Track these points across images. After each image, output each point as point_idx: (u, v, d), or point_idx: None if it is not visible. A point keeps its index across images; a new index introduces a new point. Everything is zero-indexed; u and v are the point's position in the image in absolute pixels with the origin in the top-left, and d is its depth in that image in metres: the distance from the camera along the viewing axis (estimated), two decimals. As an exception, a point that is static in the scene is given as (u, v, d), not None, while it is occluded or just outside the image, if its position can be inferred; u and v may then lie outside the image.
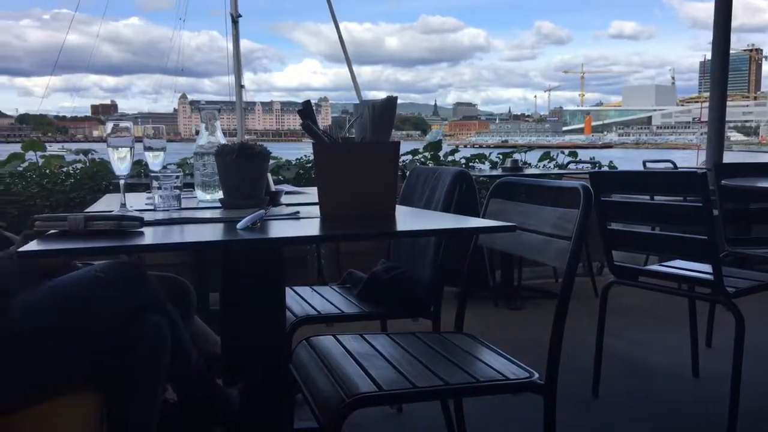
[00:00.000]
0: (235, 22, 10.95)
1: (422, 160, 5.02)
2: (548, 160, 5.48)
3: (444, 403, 1.92)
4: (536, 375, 1.43)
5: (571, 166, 5.36)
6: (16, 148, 4.25)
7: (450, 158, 5.15)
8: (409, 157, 5.05)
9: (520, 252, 1.77)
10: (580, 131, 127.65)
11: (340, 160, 1.56)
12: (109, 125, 1.61)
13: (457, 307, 1.89)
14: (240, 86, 11.36)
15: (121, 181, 1.64)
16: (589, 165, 5.32)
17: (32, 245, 1.09)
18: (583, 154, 5.90)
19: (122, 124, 1.63)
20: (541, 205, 1.68)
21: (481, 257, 1.94)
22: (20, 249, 1.07)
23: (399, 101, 1.68)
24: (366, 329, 1.88)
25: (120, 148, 1.60)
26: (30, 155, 4.20)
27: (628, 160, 9.12)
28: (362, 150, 1.62)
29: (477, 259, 1.92)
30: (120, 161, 1.61)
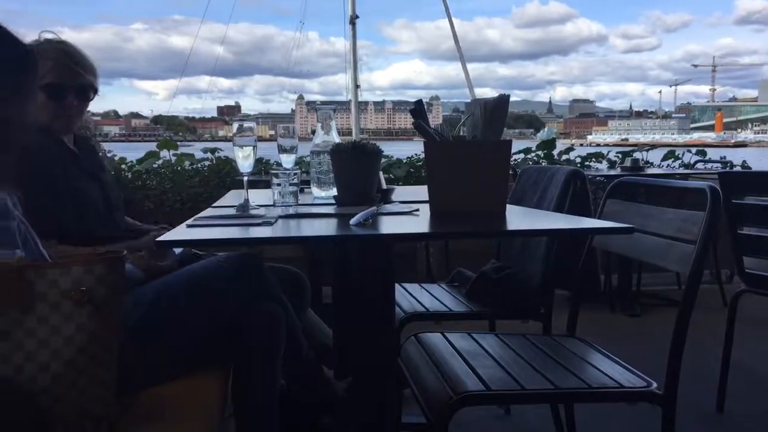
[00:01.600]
0: (352, 23, 11.16)
1: (534, 159, 4.90)
2: (673, 159, 5.15)
3: (554, 407, 1.87)
4: (654, 384, 1.36)
5: (699, 165, 5.01)
6: (152, 146, 4.62)
7: (564, 157, 4.98)
8: (521, 155, 4.95)
9: (638, 256, 1.69)
10: (710, 128, 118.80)
11: (450, 159, 1.57)
12: (235, 125, 1.71)
13: (569, 311, 1.84)
14: (356, 86, 11.57)
15: (245, 179, 1.72)
16: (719, 165, 4.95)
17: (169, 235, 1.20)
18: (713, 153, 5.49)
19: (246, 125, 1.72)
20: (663, 207, 1.59)
21: (595, 260, 1.87)
22: (159, 239, 1.18)
23: (512, 98, 1.66)
24: (474, 328, 1.87)
25: (244, 147, 1.69)
26: (164, 153, 4.54)
27: (766, 160, 8.37)
28: (473, 148, 1.62)
29: (590, 261, 1.86)
30: (244, 159, 1.70)
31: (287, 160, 1.92)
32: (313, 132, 2.03)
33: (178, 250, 1.72)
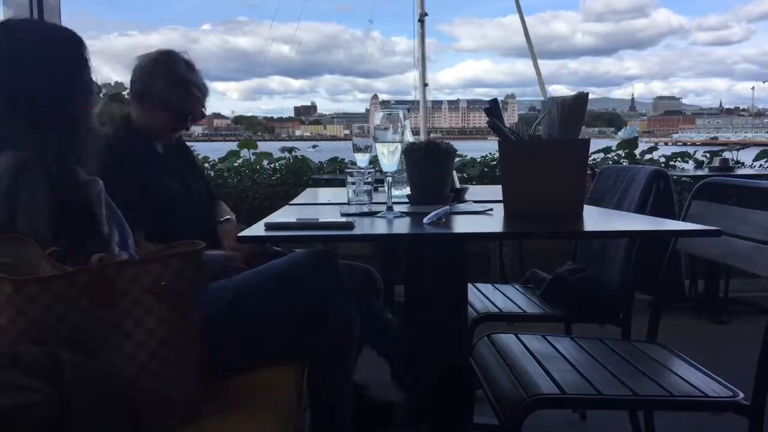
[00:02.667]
0: (421, 21, 11.08)
1: (615, 158, 4.74)
2: (766, 160, 4.86)
3: (633, 415, 1.81)
4: (741, 395, 1.30)
5: (796, 166, 4.70)
6: (232, 145, 4.78)
7: (647, 156, 4.79)
8: (601, 155, 4.80)
9: (725, 260, 1.61)
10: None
11: (526, 158, 1.54)
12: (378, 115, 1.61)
13: (650, 316, 1.77)
14: (424, 85, 11.49)
15: (389, 178, 1.61)
16: (822, 165, 4.62)
17: (248, 231, 1.25)
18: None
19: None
20: (755, 209, 1.51)
21: (678, 264, 1.79)
22: (239, 234, 1.23)
23: (591, 96, 1.62)
24: (548, 331, 1.84)
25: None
26: (244, 152, 4.70)
27: None
28: (549, 147, 1.58)
29: (674, 265, 1.78)
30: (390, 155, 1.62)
31: (362, 159, 1.94)
32: (387, 131, 2.05)
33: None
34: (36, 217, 1.13)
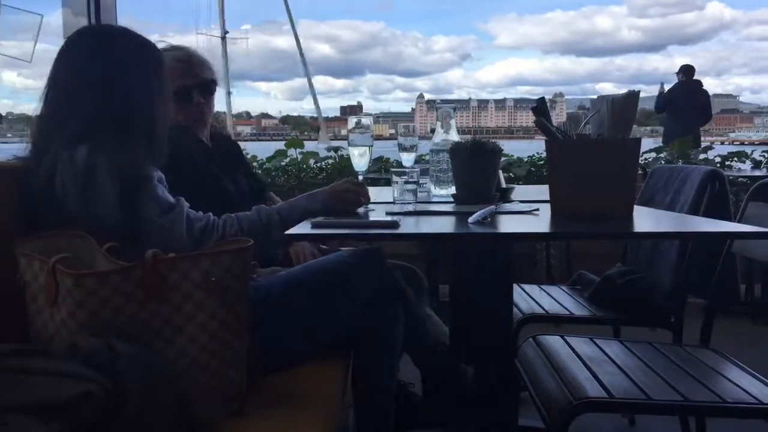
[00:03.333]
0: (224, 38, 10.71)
1: (668, 158, 4.61)
2: (829, 159, 4.64)
3: (684, 421, 1.76)
4: (799, 404, 1.25)
5: None
6: (280, 145, 4.86)
7: (702, 156, 4.64)
8: (653, 155, 4.68)
9: (784, 263, 1.55)
10: None
11: (573, 157, 1.52)
12: (352, 121, 1.70)
13: (703, 320, 1.72)
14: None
15: (360, 177, 1.72)
16: None
17: (295, 228, 1.28)
18: None
19: (364, 121, 1.70)
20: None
21: (734, 267, 1.74)
22: (286, 232, 1.26)
23: (642, 94, 1.58)
24: (596, 334, 1.80)
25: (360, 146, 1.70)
26: (291, 151, 4.77)
27: None
28: (598, 147, 1.56)
29: (728, 268, 1.72)
30: (359, 158, 1.71)
31: (407, 159, 1.95)
32: (432, 130, 2.05)
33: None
34: (106, 210, 1.19)
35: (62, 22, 2.82)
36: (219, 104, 2.03)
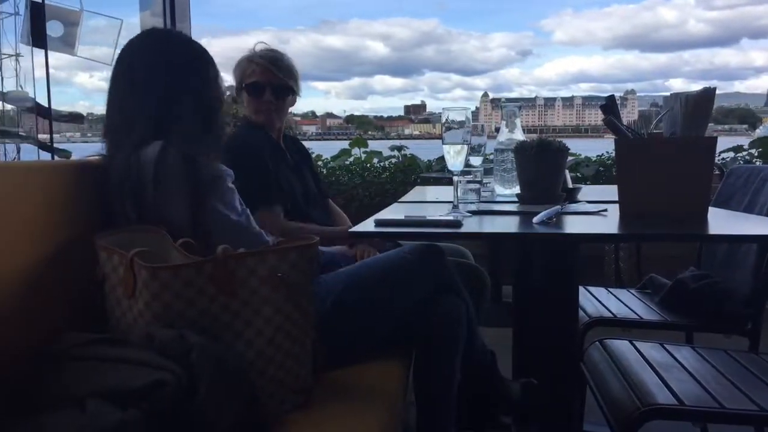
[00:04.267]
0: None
1: (747, 158, 4.39)
2: None
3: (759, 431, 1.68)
4: None
5: None
6: (344, 144, 4.92)
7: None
8: (731, 154, 4.46)
9: None
10: None
11: (644, 157, 1.48)
12: (444, 115, 1.54)
13: (783, 328, 1.64)
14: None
15: (454, 177, 1.60)
16: None
17: (359, 227, 1.30)
18: None
19: (453, 117, 1.53)
20: None
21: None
22: (350, 230, 1.28)
23: (718, 91, 1.52)
24: (666, 339, 1.74)
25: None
26: (355, 151, 4.83)
27: None
28: (670, 146, 1.50)
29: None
30: (456, 156, 1.55)
31: (475, 159, 1.93)
32: (497, 129, 2.03)
33: None
34: (178, 206, 1.25)
35: (140, 25, 2.97)
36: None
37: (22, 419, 0.91)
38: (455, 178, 1.63)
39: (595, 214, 1.50)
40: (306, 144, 2.37)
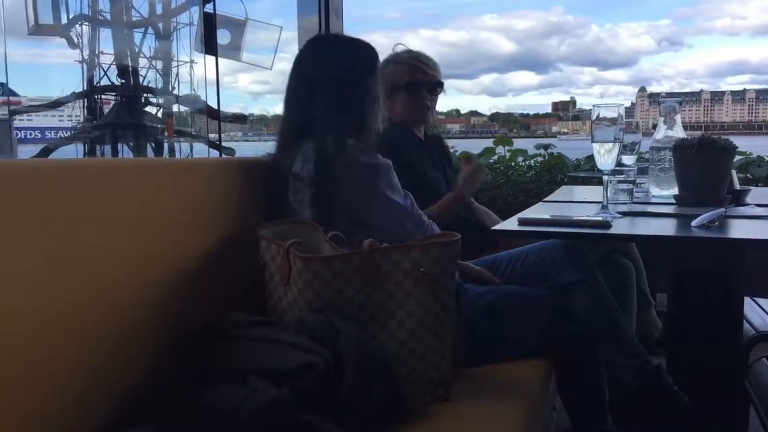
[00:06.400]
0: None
1: None
2: None
3: None
4: None
5: None
6: (488, 143, 4.88)
7: None
8: None
9: None
10: None
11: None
12: (595, 111, 1.51)
13: None
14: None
15: (605, 177, 1.55)
16: None
17: (503, 225, 1.30)
18: None
19: (605, 113, 1.50)
20: None
21: None
22: (493, 227, 1.28)
23: None
24: None
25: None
26: (499, 149, 4.76)
27: None
28: None
29: None
30: (607, 154, 1.50)
31: (628, 158, 1.84)
32: (654, 126, 1.92)
33: None
34: (336, 200, 1.34)
35: (297, 33, 3.16)
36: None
37: (183, 390, 1.01)
38: (605, 178, 1.56)
39: (766, 218, 1.37)
40: (450, 142, 2.40)
